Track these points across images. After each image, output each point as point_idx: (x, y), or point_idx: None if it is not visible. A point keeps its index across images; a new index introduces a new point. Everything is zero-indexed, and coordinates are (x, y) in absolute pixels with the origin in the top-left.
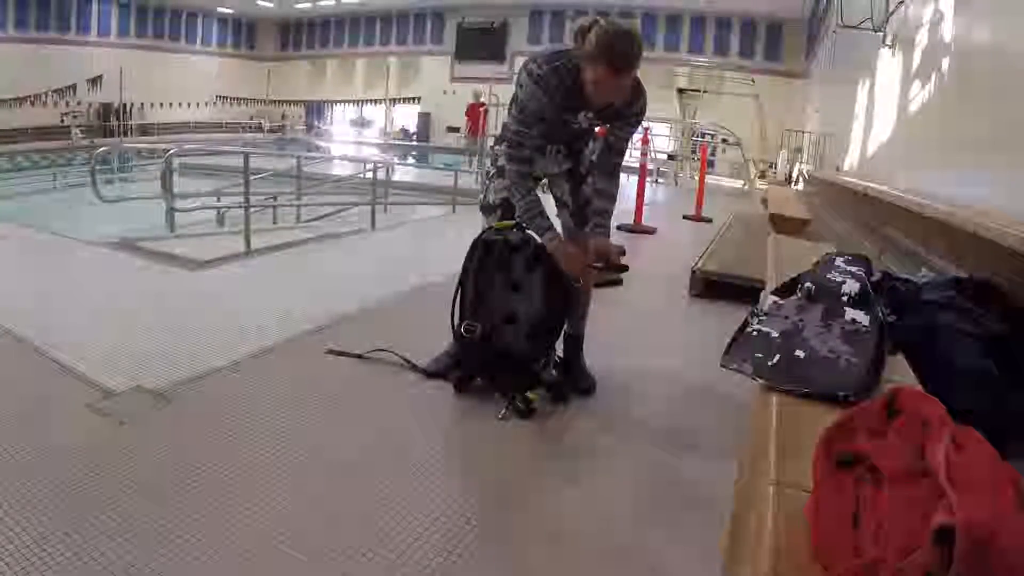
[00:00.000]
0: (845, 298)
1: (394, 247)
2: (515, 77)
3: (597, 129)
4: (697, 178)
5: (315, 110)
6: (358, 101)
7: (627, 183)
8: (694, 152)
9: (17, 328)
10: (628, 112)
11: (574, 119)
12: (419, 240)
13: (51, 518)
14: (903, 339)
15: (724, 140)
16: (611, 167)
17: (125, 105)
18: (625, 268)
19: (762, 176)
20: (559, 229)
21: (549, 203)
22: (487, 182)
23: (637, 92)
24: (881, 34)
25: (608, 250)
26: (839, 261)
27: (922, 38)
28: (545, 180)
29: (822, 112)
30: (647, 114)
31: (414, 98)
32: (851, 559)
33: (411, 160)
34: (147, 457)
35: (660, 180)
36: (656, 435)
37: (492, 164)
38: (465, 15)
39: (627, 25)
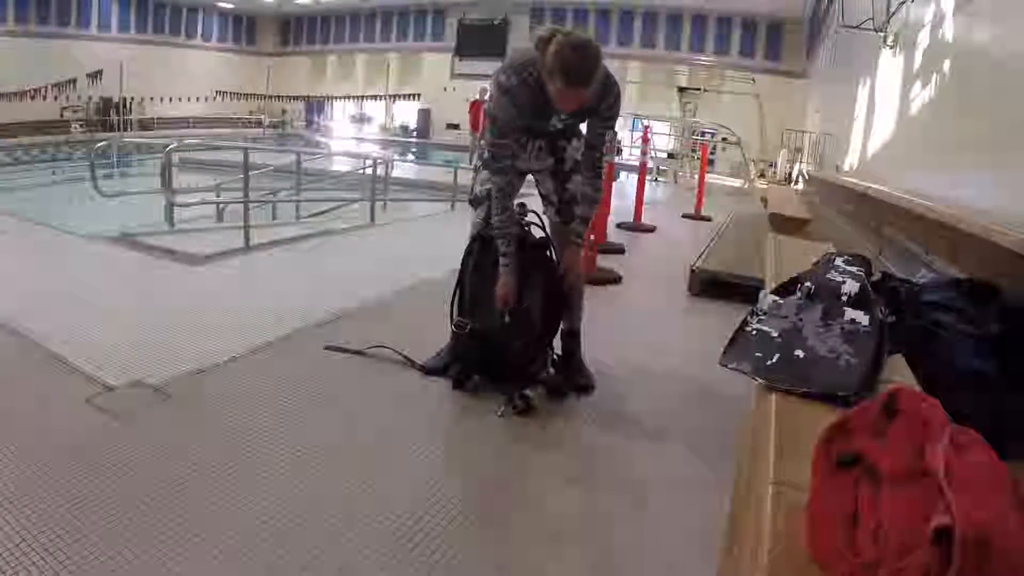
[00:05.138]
0: (845, 298)
1: (393, 243)
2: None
3: (583, 125)
4: (697, 177)
5: (315, 106)
6: (358, 97)
7: (627, 181)
8: (694, 151)
9: (16, 323)
10: (601, 108)
11: (547, 123)
12: (418, 237)
13: (49, 514)
14: (902, 339)
15: (724, 139)
16: (592, 163)
17: (125, 100)
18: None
19: (762, 175)
20: (545, 222)
21: (538, 202)
22: (474, 175)
23: (607, 89)
24: (882, 34)
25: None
26: (839, 261)
27: (923, 39)
28: (531, 176)
29: (822, 112)
30: (648, 114)
31: (414, 95)
32: (850, 559)
33: (411, 157)
34: (146, 452)
35: (660, 179)
36: (655, 434)
37: (479, 157)
38: (466, 12)
39: (583, 38)
